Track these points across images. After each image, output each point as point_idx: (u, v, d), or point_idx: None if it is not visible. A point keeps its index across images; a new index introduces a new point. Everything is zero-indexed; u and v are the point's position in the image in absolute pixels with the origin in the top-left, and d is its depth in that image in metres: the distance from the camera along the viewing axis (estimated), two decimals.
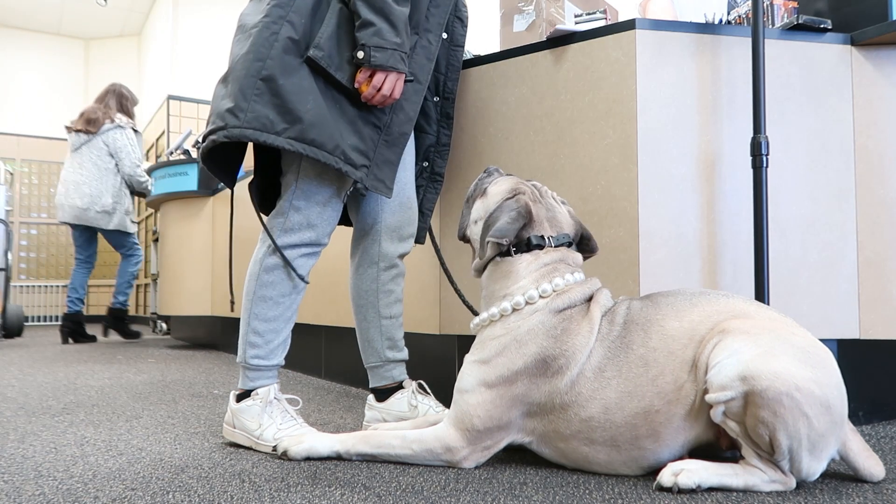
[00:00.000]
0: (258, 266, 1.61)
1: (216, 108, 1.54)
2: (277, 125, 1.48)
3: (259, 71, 1.48)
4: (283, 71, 1.48)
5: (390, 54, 1.49)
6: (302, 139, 1.48)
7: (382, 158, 1.59)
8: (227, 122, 1.49)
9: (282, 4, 1.51)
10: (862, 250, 1.87)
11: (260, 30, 1.50)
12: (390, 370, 1.77)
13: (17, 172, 7.57)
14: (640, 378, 1.22)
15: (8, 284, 5.18)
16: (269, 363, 1.61)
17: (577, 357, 1.26)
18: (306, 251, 1.61)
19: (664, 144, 1.78)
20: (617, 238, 1.78)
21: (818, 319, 1.84)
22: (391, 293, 1.76)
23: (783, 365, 1.10)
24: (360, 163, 1.54)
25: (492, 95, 2.02)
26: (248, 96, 1.48)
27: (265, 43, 1.49)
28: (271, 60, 1.48)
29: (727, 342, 1.16)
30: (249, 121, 1.47)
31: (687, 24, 1.84)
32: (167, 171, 4.35)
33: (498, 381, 1.29)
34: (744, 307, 1.24)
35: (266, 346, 1.60)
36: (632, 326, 1.27)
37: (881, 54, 1.89)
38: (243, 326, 1.62)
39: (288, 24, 1.50)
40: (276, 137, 1.47)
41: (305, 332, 2.92)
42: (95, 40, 8.34)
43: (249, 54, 1.49)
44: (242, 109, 1.48)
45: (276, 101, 1.48)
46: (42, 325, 7.36)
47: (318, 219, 1.61)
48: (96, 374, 3.01)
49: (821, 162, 1.87)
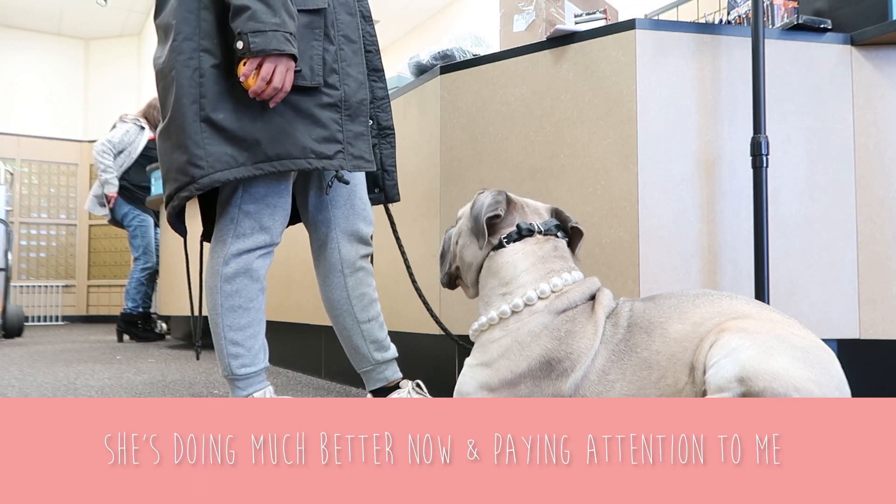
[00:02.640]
0: (217, 279, 1.57)
1: (173, 164, 1.48)
2: (239, 157, 1.44)
3: (197, 113, 1.44)
4: (216, 104, 1.44)
5: (271, 36, 1.37)
6: (267, 159, 1.45)
7: (352, 134, 1.54)
8: (192, 175, 1.44)
9: (189, 36, 1.45)
10: (862, 250, 1.87)
11: (179, 70, 1.44)
12: (383, 371, 1.75)
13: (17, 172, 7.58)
14: (643, 381, 1.22)
15: (8, 284, 5.17)
16: (256, 368, 1.60)
17: (583, 359, 1.24)
18: (261, 253, 1.59)
19: (664, 144, 1.78)
20: (617, 238, 1.78)
21: (818, 319, 1.84)
22: (364, 296, 1.72)
23: (781, 365, 1.09)
24: (332, 151, 1.50)
25: (492, 95, 2.02)
26: (200, 142, 1.43)
27: (191, 83, 1.44)
28: (205, 99, 1.44)
29: (724, 340, 1.15)
30: (212, 164, 1.43)
31: (687, 24, 1.84)
32: None
33: (501, 385, 1.27)
34: (745, 308, 1.23)
35: (249, 354, 1.59)
36: (635, 329, 1.26)
37: (881, 54, 1.89)
38: (218, 342, 1.60)
39: (205, 54, 1.45)
40: (245, 168, 1.44)
41: (305, 332, 2.92)
42: (95, 40, 8.35)
43: (182, 99, 1.44)
44: (201, 157, 1.43)
45: (225, 135, 1.44)
46: (42, 325, 7.37)
47: (270, 220, 1.59)
48: (96, 374, 3.01)
49: (821, 162, 1.88)
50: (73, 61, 8.32)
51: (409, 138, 2.27)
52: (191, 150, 1.43)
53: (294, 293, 2.98)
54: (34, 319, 7.59)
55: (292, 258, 2.90)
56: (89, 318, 7.94)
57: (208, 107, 1.44)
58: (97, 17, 7.80)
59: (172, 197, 1.50)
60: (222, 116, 1.44)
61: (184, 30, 1.45)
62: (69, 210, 7.95)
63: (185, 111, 1.44)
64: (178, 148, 1.46)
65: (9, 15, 7.72)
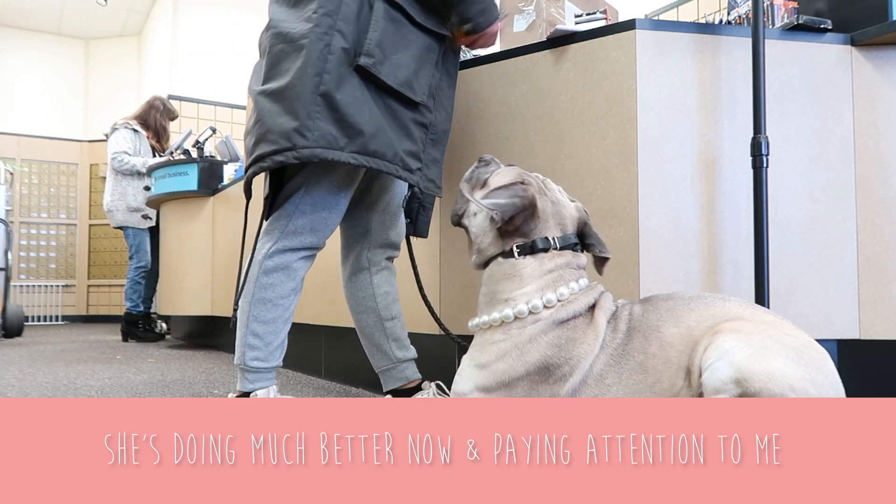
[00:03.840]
0: (257, 268, 1.60)
1: (275, 126, 1.48)
2: (340, 141, 1.46)
3: (318, 86, 1.45)
4: (338, 84, 1.46)
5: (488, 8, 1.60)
6: (364, 151, 1.47)
7: (430, 158, 1.59)
8: (294, 143, 1.45)
9: (330, 13, 1.48)
10: (862, 250, 1.87)
11: (312, 41, 1.46)
12: (403, 370, 1.77)
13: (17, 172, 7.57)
14: (638, 385, 1.21)
15: (8, 284, 5.17)
16: (268, 365, 1.61)
17: (582, 365, 1.24)
18: (305, 254, 1.61)
19: (664, 144, 1.78)
20: (617, 238, 1.78)
21: (818, 319, 1.84)
22: (388, 295, 1.75)
23: (776, 365, 1.09)
24: (414, 167, 1.55)
25: (492, 95, 2.02)
26: (312, 114, 1.45)
27: (320, 56, 1.46)
28: (328, 75, 1.46)
29: (718, 342, 1.15)
30: (317, 139, 1.45)
31: (687, 25, 1.84)
32: (167, 171, 4.35)
33: (496, 387, 1.26)
34: (739, 310, 1.23)
35: (265, 349, 1.60)
36: (634, 333, 1.25)
37: (881, 54, 1.89)
38: (241, 329, 1.62)
39: (338, 35, 1.47)
40: (341, 153, 1.46)
41: (305, 332, 2.92)
42: (95, 40, 8.34)
43: (307, 69, 1.45)
44: (309, 128, 1.45)
45: (336, 115, 1.46)
46: (42, 325, 7.36)
47: (322, 224, 1.61)
48: (96, 374, 3.01)
49: (821, 162, 1.88)
50: (73, 61, 8.31)
51: None
52: (302, 119, 1.45)
53: None
54: (34, 319, 7.59)
55: None
56: (89, 318, 7.94)
57: (330, 83, 1.46)
58: (97, 17, 7.80)
59: (264, 157, 1.50)
60: (340, 97, 1.46)
61: (326, 5, 1.48)
62: (69, 210, 7.95)
63: (307, 81, 1.45)
64: (289, 113, 1.47)
65: (9, 15, 7.72)
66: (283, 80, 1.49)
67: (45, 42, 8.16)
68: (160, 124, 5.11)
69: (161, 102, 5.15)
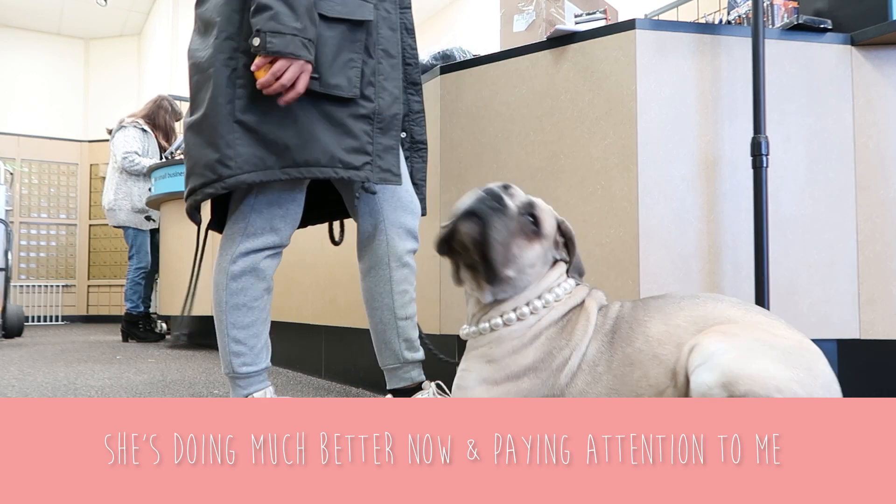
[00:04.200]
0: (224, 276, 1.59)
1: (200, 159, 1.49)
2: (268, 160, 1.45)
3: (231, 113, 1.45)
4: (253, 105, 1.45)
5: (289, 40, 1.38)
6: (295, 164, 1.46)
7: (381, 147, 1.55)
8: (220, 174, 1.46)
9: (231, 36, 1.47)
10: (862, 250, 1.87)
11: (217, 69, 1.46)
12: (409, 371, 1.75)
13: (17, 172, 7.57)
14: (626, 377, 1.23)
15: (8, 284, 5.17)
16: (257, 368, 1.60)
17: (580, 348, 1.26)
18: (270, 253, 1.61)
19: (664, 144, 1.78)
20: (617, 238, 1.78)
21: (818, 319, 1.84)
22: (405, 293, 1.73)
23: (761, 367, 1.09)
24: (360, 162, 1.52)
25: (492, 95, 2.02)
26: (231, 142, 1.45)
27: (228, 83, 1.45)
28: (240, 100, 1.45)
29: (703, 346, 1.15)
30: (241, 165, 1.45)
31: (687, 24, 1.84)
32: (167, 171, 4.35)
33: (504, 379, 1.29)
34: (729, 311, 1.23)
35: (250, 353, 1.59)
36: (621, 323, 1.28)
37: (881, 54, 1.89)
38: (222, 339, 1.61)
39: (244, 55, 1.46)
40: (272, 172, 1.46)
41: (305, 332, 2.92)
42: (95, 40, 8.34)
43: (218, 98, 1.46)
44: (231, 157, 1.45)
45: (256, 137, 1.45)
46: (42, 325, 7.36)
47: (281, 222, 1.60)
48: (96, 374, 3.01)
49: (821, 162, 1.88)
50: (73, 61, 8.31)
51: None
52: (222, 150, 1.45)
53: (294, 294, 2.98)
54: (34, 319, 7.59)
55: (292, 259, 2.90)
56: (89, 318, 7.94)
57: (242, 108, 1.45)
58: (97, 17, 7.80)
59: (196, 191, 1.52)
60: (255, 119, 1.45)
61: (227, 29, 1.47)
62: (69, 210, 7.95)
63: (219, 110, 1.45)
64: (210, 145, 1.47)
65: (9, 15, 7.72)
66: (200, 112, 1.50)
67: (45, 42, 8.16)
68: (169, 125, 5.08)
69: (169, 103, 5.11)
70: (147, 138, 4.91)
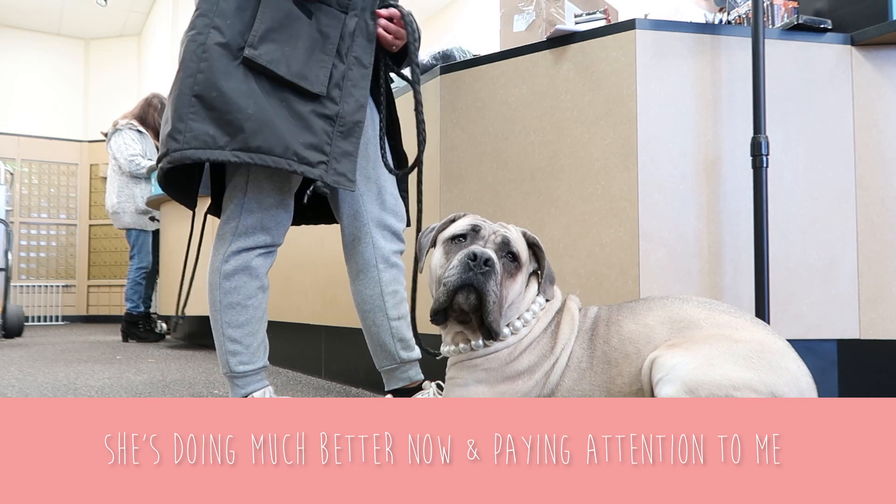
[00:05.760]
0: (217, 275, 1.59)
1: (162, 133, 1.51)
2: (220, 139, 1.44)
3: (192, 87, 1.44)
4: (216, 82, 1.44)
5: None
6: (247, 148, 1.44)
7: (340, 150, 1.53)
8: (168, 148, 1.46)
9: (205, 13, 1.47)
10: (862, 250, 1.87)
11: (187, 45, 1.47)
12: (406, 371, 1.75)
13: (17, 172, 7.57)
14: (605, 374, 1.27)
15: (8, 284, 5.17)
16: (255, 367, 1.60)
17: (567, 347, 1.31)
18: (262, 251, 1.60)
19: (664, 144, 1.78)
20: (617, 238, 1.78)
21: (818, 319, 1.84)
22: (396, 294, 1.73)
23: (721, 372, 1.12)
24: (315, 160, 1.49)
25: (492, 95, 2.02)
26: (184, 116, 1.44)
27: (192, 57, 1.46)
28: (201, 74, 1.44)
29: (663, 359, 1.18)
30: (188, 141, 1.44)
31: (687, 24, 1.84)
32: None
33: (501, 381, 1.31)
34: (694, 312, 1.26)
35: (247, 351, 1.59)
36: (599, 322, 1.32)
37: (881, 54, 1.89)
38: (218, 339, 1.61)
39: (215, 31, 1.46)
40: (221, 152, 1.44)
41: (305, 332, 2.92)
42: (95, 40, 8.34)
43: (181, 73, 1.46)
44: (181, 131, 1.44)
45: (213, 114, 1.44)
46: (42, 325, 7.36)
47: (272, 221, 1.60)
48: (96, 374, 3.01)
49: (821, 162, 1.88)
50: (73, 61, 8.31)
51: (408, 138, 2.27)
52: (174, 123, 1.45)
53: (294, 293, 2.98)
54: (34, 319, 7.59)
55: (292, 259, 2.90)
56: (89, 318, 7.94)
57: (203, 83, 1.44)
58: (97, 17, 7.80)
59: (154, 168, 1.55)
60: (215, 95, 1.44)
61: (202, 6, 1.49)
62: (69, 210, 7.95)
63: (181, 84, 1.46)
64: (169, 120, 1.48)
65: (9, 15, 7.72)
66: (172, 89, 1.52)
67: (45, 42, 8.16)
68: (159, 123, 5.07)
69: (159, 101, 5.10)
70: (144, 139, 4.91)
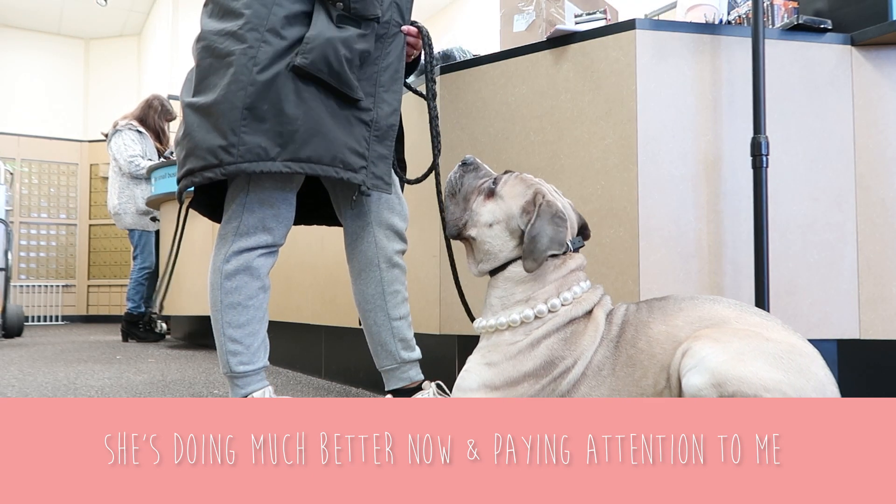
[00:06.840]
0: (218, 275, 1.59)
1: (203, 142, 1.49)
2: (271, 151, 1.46)
3: (243, 100, 1.45)
4: (267, 94, 1.45)
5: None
6: (297, 159, 1.47)
7: (376, 154, 1.56)
8: (221, 160, 1.46)
9: (256, 27, 1.47)
10: (862, 250, 1.87)
11: (237, 57, 1.47)
12: (407, 371, 1.75)
13: (17, 172, 7.57)
14: (627, 378, 1.25)
15: (8, 284, 5.17)
16: (255, 367, 1.60)
17: (584, 357, 1.28)
18: (263, 252, 1.60)
19: (664, 144, 1.78)
20: (617, 238, 1.78)
21: (818, 319, 1.84)
22: (397, 293, 1.73)
23: (751, 369, 1.11)
24: (358, 165, 1.52)
25: (492, 95, 2.02)
26: (237, 129, 1.45)
27: (244, 71, 1.46)
28: (252, 87, 1.45)
29: (695, 350, 1.17)
30: (243, 154, 1.45)
31: (687, 25, 1.84)
32: (167, 171, 4.35)
33: (504, 384, 1.30)
34: (725, 312, 1.25)
35: (247, 351, 1.59)
36: (626, 327, 1.30)
37: (881, 54, 1.89)
38: (219, 339, 1.61)
39: (265, 45, 1.47)
40: (273, 164, 1.46)
41: (305, 332, 2.92)
42: (95, 40, 8.34)
43: (232, 85, 1.46)
44: (234, 145, 1.45)
45: (264, 126, 1.46)
46: (42, 325, 7.36)
47: (274, 221, 1.60)
48: (96, 374, 3.01)
49: (821, 162, 1.88)
50: (73, 61, 8.31)
51: (408, 138, 2.27)
52: (227, 136, 1.46)
53: (294, 294, 2.98)
54: (34, 319, 7.58)
55: (292, 259, 2.90)
56: (89, 318, 7.94)
57: (255, 95, 1.45)
58: (97, 17, 7.80)
59: (194, 173, 1.51)
60: (266, 107, 1.46)
61: (252, 21, 1.48)
62: (69, 210, 7.95)
63: (232, 96, 1.46)
64: (216, 129, 1.47)
65: (9, 15, 7.72)
66: (211, 96, 1.50)
67: (45, 42, 8.16)
68: (159, 126, 5.07)
69: (160, 103, 5.10)
70: (144, 140, 4.92)
